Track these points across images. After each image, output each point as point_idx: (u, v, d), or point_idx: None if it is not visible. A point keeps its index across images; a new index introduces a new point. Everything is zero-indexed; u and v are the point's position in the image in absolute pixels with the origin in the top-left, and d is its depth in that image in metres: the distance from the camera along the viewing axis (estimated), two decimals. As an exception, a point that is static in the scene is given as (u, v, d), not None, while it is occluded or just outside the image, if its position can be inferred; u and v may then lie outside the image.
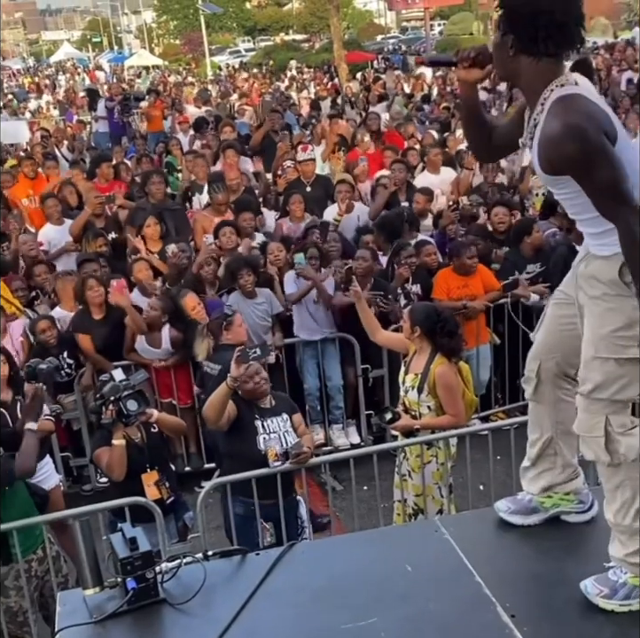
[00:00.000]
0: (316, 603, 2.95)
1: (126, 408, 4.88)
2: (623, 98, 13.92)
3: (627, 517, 2.78)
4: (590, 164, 2.56)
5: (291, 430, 5.09)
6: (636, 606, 2.77)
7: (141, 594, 2.92)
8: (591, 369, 2.79)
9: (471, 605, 2.88)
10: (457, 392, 5.22)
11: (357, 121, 14.13)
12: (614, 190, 2.58)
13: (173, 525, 5.22)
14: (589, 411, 2.80)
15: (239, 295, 7.08)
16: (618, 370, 2.73)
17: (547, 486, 3.22)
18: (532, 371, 3.13)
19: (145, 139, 14.23)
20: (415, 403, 5.25)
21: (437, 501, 5.23)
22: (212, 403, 4.98)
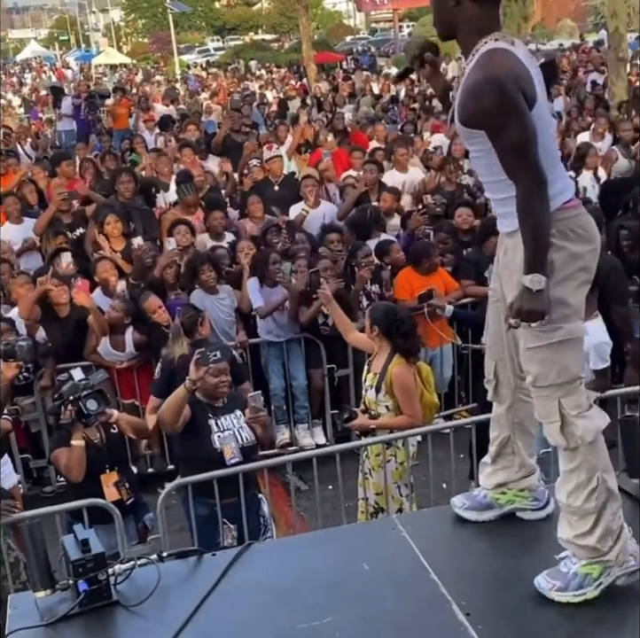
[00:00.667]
0: (272, 603, 2.92)
1: (85, 408, 4.81)
2: (587, 99, 14.04)
3: (579, 499, 2.80)
4: (503, 119, 2.59)
5: (245, 425, 5.04)
6: (591, 594, 2.79)
7: (93, 596, 2.88)
8: (527, 361, 2.83)
9: (427, 604, 2.88)
10: (414, 393, 5.20)
11: (325, 122, 14.11)
12: (521, 150, 2.61)
13: (133, 526, 5.15)
14: (541, 398, 2.83)
15: (202, 292, 7.06)
16: (552, 356, 2.76)
17: (502, 483, 3.24)
18: (490, 373, 3.16)
19: (111, 136, 14.11)
20: (373, 402, 5.25)
21: (397, 500, 5.22)
22: (170, 406, 4.92)
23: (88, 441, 4.98)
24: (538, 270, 2.65)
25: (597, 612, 2.77)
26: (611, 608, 2.79)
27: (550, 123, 2.78)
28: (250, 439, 5.01)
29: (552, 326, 2.73)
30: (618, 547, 2.80)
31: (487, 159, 2.74)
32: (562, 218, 2.73)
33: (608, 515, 2.80)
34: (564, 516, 2.88)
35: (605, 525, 2.79)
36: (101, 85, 26.23)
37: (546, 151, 2.70)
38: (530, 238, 2.67)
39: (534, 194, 2.63)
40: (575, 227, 2.75)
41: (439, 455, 5.56)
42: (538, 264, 2.65)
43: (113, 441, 5.20)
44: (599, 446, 2.82)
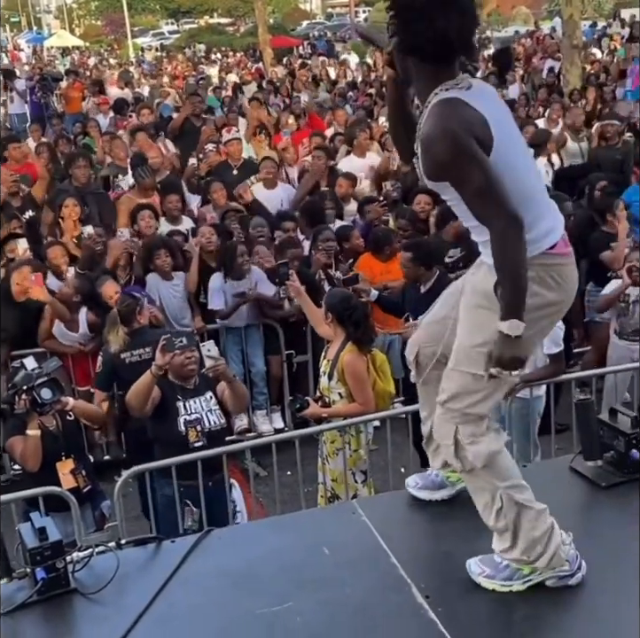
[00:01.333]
0: (232, 589, 2.92)
1: (40, 397, 4.77)
2: (541, 87, 14.15)
3: (490, 519, 2.82)
4: (459, 169, 2.56)
5: (215, 408, 5.01)
6: (517, 588, 2.81)
7: (51, 584, 2.85)
8: (449, 380, 2.82)
9: (387, 587, 2.90)
10: (365, 381, 5.19)
11: (281, 106, 14.05)
12: (485, 194, 2.56)
13: (90, 514, 5.11)
14: (443, 418, 2.83)
15: (157, 276, 7.00)
16: (474, 385, 2.75)
17: (445, 461, 3.23)
18: (411, 355, 3.15)
19: (62, 120, 13.88)
20: (326, 389, 5.25)
21: (352, 486, 5.22)
22: (136, 392, 4.89)
23: (43, 429, 4.93)
24: (516, 316, 2.58)
25: (554, 594, 2.81)
26: (566, 591, 2.83)
27: (521, 161, 2.70)
28: (218, 423, 4.99)
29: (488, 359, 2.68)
30: (548, 554, 2.78)
31: (461, 206, 2.69)
32: (544, 264, 2.67)
33: (526, 527, 2.78)
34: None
35: (526, 537, 2.78)
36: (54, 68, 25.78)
37: (519, 192, 2.62)
38: (507, 283, 2.59)
39: (508, 235, 2.56)
40: (555, 275, 2.70)
41: (397, 439, 5.58)
42: (516, 310, 2.58)
43: (69, 429, 5.15)
44: (498, 465, 2.79)
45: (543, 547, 2.78)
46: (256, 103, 12.52)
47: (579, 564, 2.82)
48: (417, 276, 6.02)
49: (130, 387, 5.55)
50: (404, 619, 2.76)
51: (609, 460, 3.39)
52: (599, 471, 3.38)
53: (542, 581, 2.81)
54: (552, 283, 2.69)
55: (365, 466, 5.30)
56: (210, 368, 4.91)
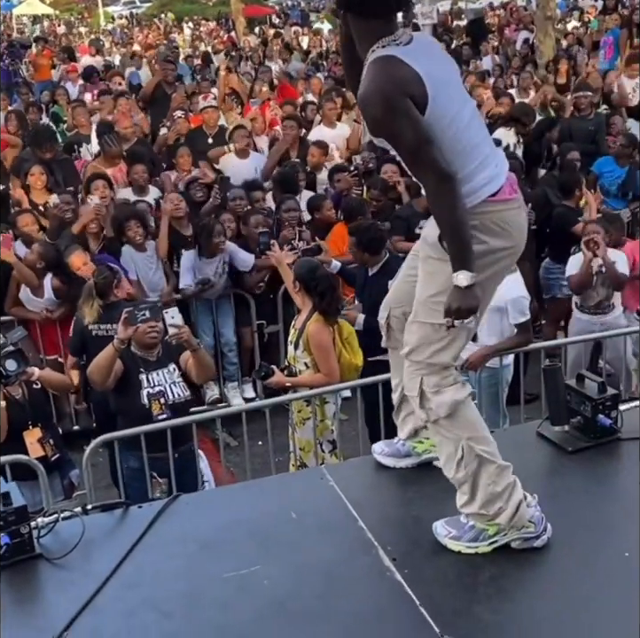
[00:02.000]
0: (200, 554, 2.92)
1: (4, 369, 4.72)
2: (514, 57, 14.11)
3: (451, 470, 2.84)
4: (392, 126, 2.59)
5: (178, 380, 4.96)
6: (482, 550, 2.83)
7: (15, 549, 2.83)
8: (409, 332, 2.84)
9: (353, 550, 2.91)
10: (329, 352, 5.16)
11: (253, 75, 13.88)
12: (417, 152, 2.60)
13: (58, 482, 5.09)
14: (409, 371, 2.85)
15: (131, 249, 6.93)
16: (433, 335, 2.77)
17: (413, 431, 3.27)
18: (382, 318, 3.17)
19: (31, 88, 13.65)
20: (293, 358, 5.24)
21: (319, 455, 5.23)
22: (98, 366, 4.82)
23: (9, 398, 4.88)
24: (464, 267, 2.62)
25: (520, 556, 2.83)
26: (532, 553, 2.85)
27: (460, 115, 2.69)
28: (182, 395, 4.94)
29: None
30: (509, 511, 2.79)
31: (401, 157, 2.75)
32: (486, 211, 2.70)
33: (484, 480, 2.79)
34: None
35: (485, 491, 2.79)
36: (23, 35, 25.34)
37: (457, 145, 2.65)
38: (448, 237, 2.64)
39: (440, 192, 2.60)
40: (500, 222, 2.72)
41: (368, 409, 5.61)
42: (461, 262, 2.62)
43: (36, 397, 5.11)
44: (461, 416, 2.81)
45: (504, 502, 2.79)
46: (225, 71, 12.37)
47: (544, 526, 2.84)
48: (362, 260, 5.98)
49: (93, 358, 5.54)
50: (371, 582, 2.77)
51: (576, 425, 3.42)
52: (566, 436, 3.41)
53: (507, 543, 2.83)
54: (497, 229, 2.72)
55: (333, 436, 5.30)
56: (173, 335, 4.84)
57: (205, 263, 6.91)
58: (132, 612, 2.65)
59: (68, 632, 2.55)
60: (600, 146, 9.11)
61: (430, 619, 2.56)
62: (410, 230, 7.21)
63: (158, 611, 2.65)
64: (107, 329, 5.69)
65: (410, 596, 2.66)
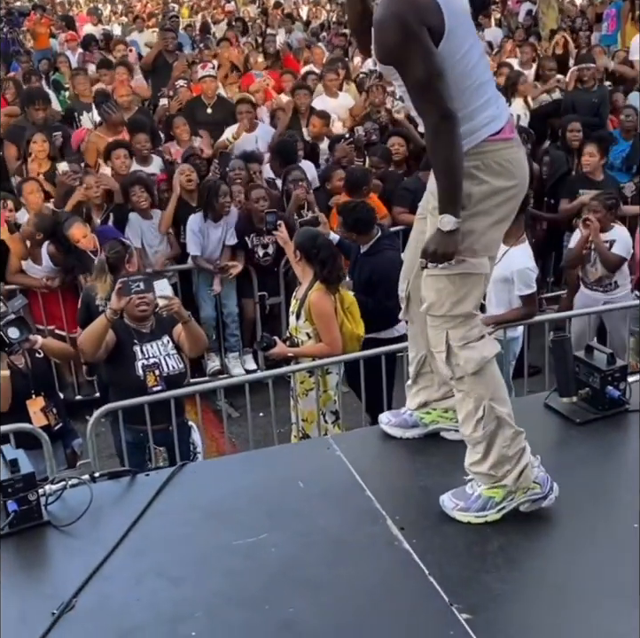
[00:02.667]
0: (208, 522, 2.92)
1: (7, 337, 4.69)
2: (518, 29, 13.96)
3: (468, 428, 2.84)
4: (405, 55, 2.56)
5: (173, 352, 4.92)
6: (492, 517, 2.83)
7: (23, 516, 2.83)
8: (426, 287, 2.82)
9: (362, 519, 2.91)
10: (332, 321, 5.13)
11: (253, 45, 13.73)
12: (425, 85, 2.57)
13: (61, 451, 5.08)
14: (432, 327, 2.84)
15: (138, 216, 6.92)
16: (450, 286, 2.76)
17: (423, 402, 3.28)
18: (402, 291, 3.16)
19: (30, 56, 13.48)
20: (295, 329, 5.21)
21: (322, 426, 5.22)
22: (88, 336, 4.77)
23: (12, 368, 4.86)
24: (448, 211, 2.61)
25: (529, 526, 2.83)
26: (540, 522, 2.85)
27: (471, 51, 2.66)
28: (177, 368, 4.90)
29: (457, 258, 2.70)
30: (515, 472, 2.81)
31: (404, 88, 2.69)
32: (487, 151, 2.69)
33: (500, 442, 2.80)
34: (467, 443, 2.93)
35: (498, 453, 2.80)
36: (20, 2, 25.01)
37: (465, 82, 2.64)
38: (440, 177, 2.63)
39: (440, 130, 2.58)
40: (501, 160, 2.71)
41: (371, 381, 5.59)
42: (449, 204, 2.62)
43: (39, 366, 5.09)
44: (487, 375, 2.81)
45: (512, 465, 2.81)
46: (226, 43, 12.22)
47: (550, 486, 2.86)
48: (351, 238, 5.94)
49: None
50: (379, 550, 2.77)
51: (584, 397, 3.41)
52: (574, 408, 3.40)
53: (516, 507, 2.84)
54: (498, 168, 2.71)
55: (335, 407, 5.29)
56: (163, 306, 4.81)
57: (211, 226, 6.88)
58: (140, 579, 2.65)
59: (77, 598, 2.55)
60: (603, 118, 9.05)
61: (439, 588, 2.56)
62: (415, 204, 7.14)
63: (166, 578, 2.65)
64: None
65: (419, 565, 2.66)
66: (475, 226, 2.70)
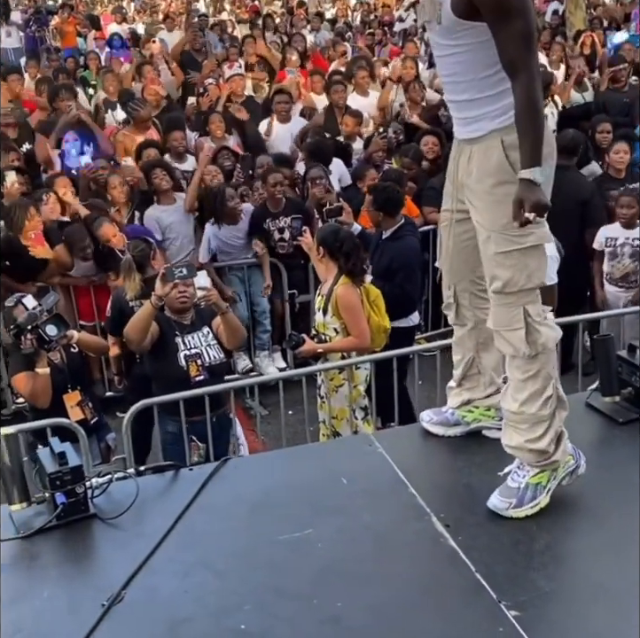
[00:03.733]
0: (252, 516, 2.93)
1: (46, 334, 4.73)
2: (544, 29, 13.89)
3: (533, 406, 2.85)
4: (514, 7, 2.57)
5: (213, 342, 4.96)
6: (544, 501, 2.88)
7: (70, 509, 2.85)
8: (497, 266, 2.81)
9: (406, 516, 2.91)
10: (359, 313, 5.12)
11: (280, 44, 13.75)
12: (527, 41, 2.60)
13: (95, 446, 5.11)
14: (505, 305, 2.83)
15: (156, 206, 7.01)
16: (521, 260, 2.77)
17: (466, 400, 3.29)
18: (449, 297, 3.17)
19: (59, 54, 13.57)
20: (322, 325, 5.19)
21: (352, 423, 5.21)
22: (135, 324, 4.81)
23: (49, 363, 4.90)
24: (538, 163, 2.62)
25: (574, 525, 2.83)
26: (586, 521, 2.85)
27: None
28: (218, 358, 4.95)
29: (526, 230, 2.72)
30: (561, 448, 2.90)
31: (471, 54, 2.69)
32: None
33: (557, 420, 2.88)
34: (510, 423, 2.93)
35: (555, 430, 2.88)
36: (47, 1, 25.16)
37: None
38: (531, 131, 2.62)
39: (536, 86, 2.62)
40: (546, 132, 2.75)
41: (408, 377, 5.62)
42: (539, 157, 2.62)
43: (74, 361, 5.13)
44: (555, 354, 2.89)
45: (563, 441, 2.90)
46: (250, 39, 12.25)
47: (579, 453, 2.97)
48: (377, 220, 5.94)
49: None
50: (425, 547, 2.77)
51: (626, 396, 3.40)
52: (616, 407, 3.39)
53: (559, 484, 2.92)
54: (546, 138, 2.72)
55: (365, 402, 5.29)
56: (201, 297, 4.85)
57: (231, 230, 6.89)
58: (188, 572, 2.66)
59: (126, 590, 2.56)
60: (634, 118, 9.00)
61: (486, 585, 2.56)
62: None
63: (213, 572, 2.67)
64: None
65: (466, 563, 2.66)
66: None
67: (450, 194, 3.00)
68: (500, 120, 2.72)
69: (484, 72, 2.69)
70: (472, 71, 2.72)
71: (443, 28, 2.71)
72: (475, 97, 2.75)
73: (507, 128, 2.71)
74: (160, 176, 6.95)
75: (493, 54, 2.64)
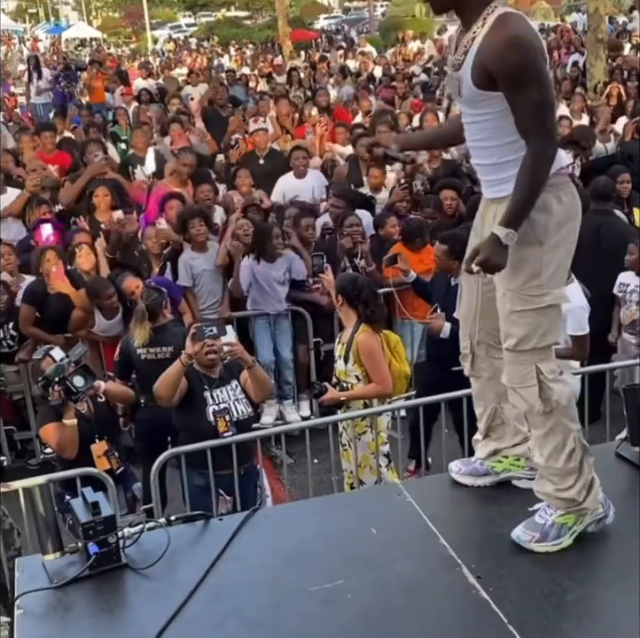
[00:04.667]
0: (283, 566, 2.93)
1: (74, 386, 4.79)
2: (565, 80, 14.07)
3: (559, 461, 2.89)
4: (528, 77, 2.66)
5: (241, 396, 4.99)
6: (566, 543, 2.90)
7: (103, 559, 2.87)
8: (512, 324, 2.86)
9: (436, 567, 2.90)
10: (381, 359, 5.17)
11: (302, 98, 14.01)
12: (541, 109, 2.68)
13: (122, 496, 5.13)
14: (518, 363, 2.88)
15: (190, 251, 7.10)
16: (536, 320, 2.83)
17: (493, 451, 3.29)
18: (466, 348, 3.19)
19: (90, 109, 13.91)
20: (343, 373, 5.23)
21: (374, 471, 5.21)
22: (165, 381, 4.85)
23: (76, 414, 4.95)
24: (515, 227, 2.71)
25: (606, 576, 2.82)
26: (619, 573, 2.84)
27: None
28: (246, 412, 4.97)
29: (542, 291, 2.79)
30: (592, 495, 2.92)
31: (495, 122, 2.78)
32: (558, 183, 2.81)
33: (586, 469, 2.91)
34: (543, 475, 2.96)
35: (585, 479, 2.91)
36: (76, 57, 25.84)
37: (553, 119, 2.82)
38: (524, 193, 2.71)
39: (543, 154, 2.71)
40: (568, 193, 2.83)
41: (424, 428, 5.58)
42: (518, 222, 2.71)
43: (101, 411, 5.18)
44: (572, 407, 2.92)
45: (589, 489, 2.91)
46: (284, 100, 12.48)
47: (609, 504, 2.97)
48: (450, 268, 6.00)
49: (141, 382, 5.59)
50: (456, 599, 2.76)
51: (656, 446, 3.38)
52: (646, 457, 3.38)
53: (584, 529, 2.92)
54: (566, 199, 2.83)
55: (387, 449, 5.29)
56: (227, 352, 4.91)
57: (268, 268, 6.99)
58: (221, 623, 2.67)
59: (160, 640, 2.57)
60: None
61: (519, 637, 2.54)
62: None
63: (246, 622, 2.67)
64: (157, 352, 5.72)
65: (498, 614, 2.65)
66: (556, 256, 2.81)
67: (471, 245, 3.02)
68: None
69: (508, 138, 2.78)
70: (497, 137, 2.81)
71: (466, 100, 2.83)
72: (500, 160, 2.84)
73: None
74: (198, 227, 7.06)
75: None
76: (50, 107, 15.56)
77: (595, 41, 14.15)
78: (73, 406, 4.87)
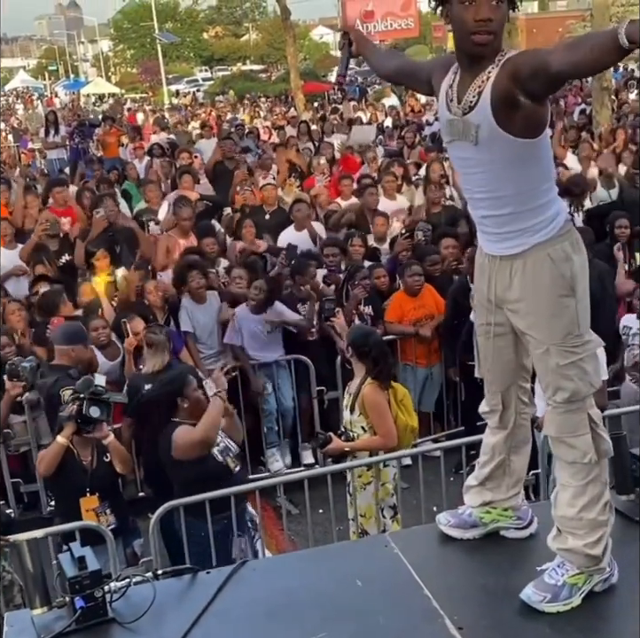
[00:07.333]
0: (268, 619, 2.94)
1: (88, 412, 4.82)
2: (571, 129, 14.21)
3: (592, 512, 2.87)
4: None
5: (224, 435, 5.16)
6: (576, 602, 2.87)
7: (89, 613, 2.87)
8: (562, 378, 2.84)
9: (420, 618, 2.90)
10: (385, 413, 5.21)
11: (312, 150, 14.23)
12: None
13: (121, 550, 5.13)
14: (570, 412, 2.85)
15: (190, 301, 7.19)
16: (582, 368, 2.84)
17: (487, 502, 3.27)
18: (498, 404, 3.15)
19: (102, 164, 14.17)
20: (349, 423, 5.28)
21: (380, 522, 5.22)
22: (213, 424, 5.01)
23: (76, 459, 5.02)
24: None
25: (584, 623, 2.81)
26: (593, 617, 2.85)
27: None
28: (236, 447, 5.18)
29: (583, 339, 2.82)
30: (607, 554, 2.92)
31: (511, 169, 2.71)
32: (570, 230, 2.84)
33: (610, 525, 2.92)
34: (566, 529, 2.92)
35: (607, 536, 2.91)
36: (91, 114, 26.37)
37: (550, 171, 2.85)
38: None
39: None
40: (578, 239, 2.86)
41: (429, 478, 5.58)
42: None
43: (102, 469, 5.18)
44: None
45: (609, 550, 2.92)
46: (282, 148, 12.73)
47: (614, 563, 2.96)
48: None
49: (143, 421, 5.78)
50: (437, 651, 2.76)
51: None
52: (632, 505, 3.37)
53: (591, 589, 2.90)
54: (577, 246, 2.83)
55: (393, 501, 5.29)
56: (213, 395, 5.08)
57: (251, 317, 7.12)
58: (203, 677, 2.68)
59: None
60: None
61: (498, 690, 2.55)
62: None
63: (228, 677, 2.68)
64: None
65: (478, 666, 2.65)
66: (585, 302, 2.82)
67: (486, 308, 2.99)
68: (543, 233, 2.78)
69: (524, 186, 2.73)
70: (509, 187, 2.75)
71: (482, 142, 2.71)
72: (519, 209, 2.78)
73: (551, 241, 2.78)
74: (197, 280, 7.19)
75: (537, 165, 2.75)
76: (65, 162, 15.88)
77: (600, 89, 14.32)
78: (73, 426, 4.90)
